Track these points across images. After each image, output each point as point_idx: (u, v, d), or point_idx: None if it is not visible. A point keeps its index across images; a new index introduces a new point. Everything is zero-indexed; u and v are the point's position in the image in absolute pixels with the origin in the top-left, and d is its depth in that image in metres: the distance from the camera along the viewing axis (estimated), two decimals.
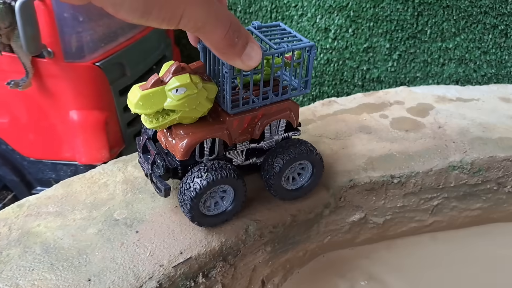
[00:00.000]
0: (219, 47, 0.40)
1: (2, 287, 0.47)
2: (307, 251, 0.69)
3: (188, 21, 0.36)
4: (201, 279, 0.53)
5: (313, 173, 0.60)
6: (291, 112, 0.56)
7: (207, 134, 0.50)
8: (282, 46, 0.49)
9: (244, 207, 0.59)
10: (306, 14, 1.46)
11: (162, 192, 0.51)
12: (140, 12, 0.33)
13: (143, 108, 0.46)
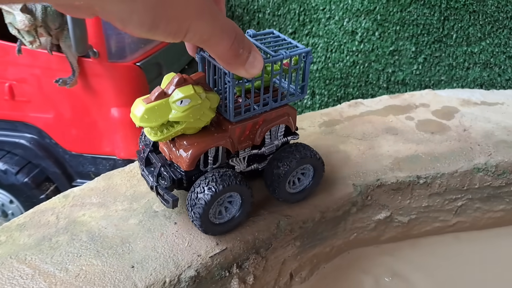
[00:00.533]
0: (225, 58, 0.41)
1: (54, 270, 0.50)
2: (334, 247, 0.71)
3: (194, 34, 0.36)
4: (235, 270, 0.56)
5: (314, 176, 0.61)
6: (289, 117, 0.57)
7: (211, 143, 0.50)
8: (280, 53, 0.50)
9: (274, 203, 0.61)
10: (333, 17, 1.48)
11: (170, 204, 0.51)
12: (147, 27, 0.33)
13: (148, 121, 0.45)
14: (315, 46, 1.57)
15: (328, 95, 1.60)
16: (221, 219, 0.53)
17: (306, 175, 0.60)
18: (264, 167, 0.58)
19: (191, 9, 0.35)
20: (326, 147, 0.76)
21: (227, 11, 1.63)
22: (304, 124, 0.85)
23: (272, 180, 0.57)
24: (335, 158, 0.73)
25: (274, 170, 0.56)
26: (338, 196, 0.66)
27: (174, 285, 0.50)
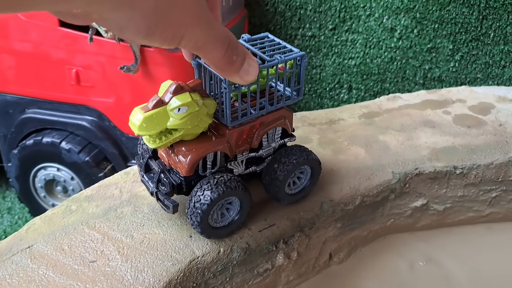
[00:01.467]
0: (219, 65, 0.41)
1: (120, 237, 0.54)
2: (371, 231, 0.73)
3: (188, 41, 0.37)
4: (281, 245, 0.59)
5: (312, 176, 0.60)
6: (285, 119, 0.56)
7: (209, 148, 0.50)
8: (275, 58, 0.49)
9: (318, 186, 0.64)
10: (373, 15, 1.50)
11: (170, 209, 0.51)
12: (144, 34, 0.34)
13: (147, 129, 0.45)
14: (354, 42, 1.59)
15: (364, 89, 1.62)
16: (220, 223, 0.53)
17: (304, 175, 0.60)
18: (262, 169, 0.58)
19: (186, 17, 0.35)
20: (365, 137, 0.78)
21: (270, 7, 1.66)
22: (344, 115, 0.87)
23: (271, 184, 0.56)
24: (375, 147, 0.76)
25: (272, 175, 0.56)
26: (378, 182, 0.69)
27: (227, 254, 0.54)
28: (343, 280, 0.69)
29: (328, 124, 0.84)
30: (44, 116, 1.48)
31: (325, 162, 0.71)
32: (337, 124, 0.84)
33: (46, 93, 1.45)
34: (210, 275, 0.53)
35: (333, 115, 0.87)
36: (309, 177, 0.60)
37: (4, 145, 1.63)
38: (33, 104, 1.49)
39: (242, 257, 0.56)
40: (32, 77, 1.39)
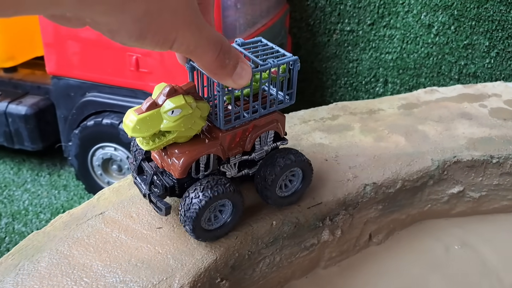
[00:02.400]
0: (211, 68, 0.40)
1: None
2: (409, 216, 0.76)
3: (180, 45, 0.36)
4: (327, 222, 0.62)
5: (303, 178, 0.59)
6: (278, 123, 0.56)
7: (202, 151, 0.49)
8: (268, 62, 0.49)
9: (360, 169, 0.67)
10: (412, 11, 1.50)
11: (163, 211, 0.50)
12: (135, 37, 0.33)
13: (140, 131, 0.44)
14: (391, 37, 1.61)
15: (400, 83, 1.63)
16: (212, 225, 0.52)
17: (296, 177, 0.59)
18: (254, 172, 0.57)
19: (178, 21, 0.35)
20: (405, 127, 0.81)
21: (311, 2, 1.68)
22: (384, 106, 0.90)
23: (262, 187, 0.55)
24: (415, 136, 0.78)
25: (262, 177, 0.55)
26: (418, 168, 0.71)
27: (279, 227, 0.57)
28: (381, 261, 0.72)
29: (369, 114, 0.86)
30: (103, 100, 1.58)
31: (367, 148, 0.73)
32: (377, 114, 0.86)
33: (107, 78, 1.54)
34: (263, 245, 0.57)
35: (373, 106, 0.90)
36: (300, 180, 0.59)
37: (64, 126, 1.71)
38: (94, 88, 1.58)
39: (291, 231, 0.59)
40: (94, 63, 1.47)
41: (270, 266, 0.60)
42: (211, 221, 0.51)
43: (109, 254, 0.50)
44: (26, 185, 1.80)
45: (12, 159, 1.96)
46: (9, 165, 1.93)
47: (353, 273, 0.68)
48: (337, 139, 0.76)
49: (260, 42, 0.55)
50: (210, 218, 0.51)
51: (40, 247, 0.51)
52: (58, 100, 1.69)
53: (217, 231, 0.52)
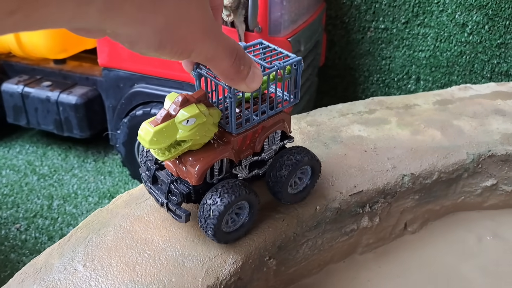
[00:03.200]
0: (228, 74, 0.40)
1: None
2: (443, 207, 0.76)
3: (198, 54, 0.36)
4: (367, 209, 0.63)
5: (312, 175, 0.58)
6: (284, 122, 0.55)
7: (216, 156, 0.48)
8: (275, 65, 0.49)
9: (400, 160, 0.68)
10: (446, 10, 1.49)
11: (183, 219, 0.49)
12: (154, 48, 0.33)
13: (157, 143, 0.44)
14: (425, 35, 1.60)
15: (432, 81, 1.62)
16: (232, 227, 0.51)
17: (305, 175, 0.58)
18: (264, 172, 0.57)
19: (196, 31, 0.35)
20: (440, 122, 0.81)
21: (347, 0, 1.69)
22: (419, 101, 0.90)
23: (274, 185, 0.55)
24: (450, 130, 0.78)
25: (276, 175, 0.54)
26: (454, 161, 0.71)
27: (322, 212, 0.59)
28: (415, 249, 0.72)
29: (404, 109, 0.87)
30: (151, 91, 1.62)
31: (404, 141, 0.74)
32: (412, 108, 0.87)
33: (155, 70, 1.58)
34: (307, 228, 0.59)
35: (408, 101, 0.90)
36: (309, 177, 0.58)
37: (113, 115, 1.76)
38: (142, 80, 1.62)
39: (333, 216, 0.60)
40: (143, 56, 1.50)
41: (312, 248, 0.61)
42: (229, 224, 0.51)
43: (167, 230, 0.53)
44: (73, 171, 1.86)
45: (59, 146, 2.02)
46: (56, 151, 1.99)
47: (388, 260, 0.70)
48: (375, 132, 0.77)
49: (261, 44, 0.55)
50: (228, 220, 0.50)
51: (105, 223, 0.54)
52: (108, 91, 1.74)
53: (237, 232, 0.52)
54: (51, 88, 1.79)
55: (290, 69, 0.51)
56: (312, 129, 0.78)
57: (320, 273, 0.65)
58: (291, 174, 0.54)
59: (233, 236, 0.51)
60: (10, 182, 1.73)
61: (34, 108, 1.81)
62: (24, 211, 1.57)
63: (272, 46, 0.54)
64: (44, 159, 1.93)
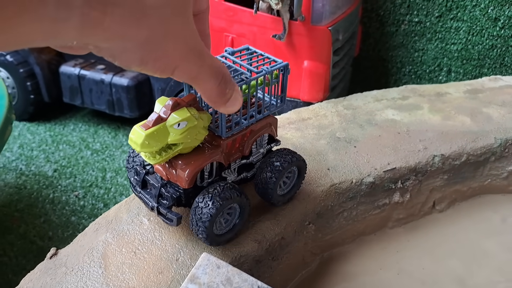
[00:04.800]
0: (211, 96, 0.38)
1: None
2: (470, 188, 0.77)
3: (182, 72, 0.34)
4: (399, 185, 0.65)
5: (298, 175, 0.57)
6: (271, 126, 0.54)
7: (206, 159, 0.47)
8: (263, 69, 0.48)
9: (429, 141, 0.69)
10: (479, 5, 1.47)
11: (174, 222, 0.47)
12: (137, 63, 0.31)
13: (149, 146, 0.42)
14: (457, 29, 1.58)
15: (463, 73, 1.61)
16: (223, 229, 0.50)
17: (292, 174, 0.56)
18: (252, 175, 0.55)
19: (179, 49, 0.32)
20: (470, 109, 0.82)
21: None
22: (450, 90, 0.90)
23: (264, 190, 0.53)
24: (479, 117, 0.79)
25: (265, 178, 0.52)
26: (482, 145, 0.72)
27: (358, 185, 0.61)
28: (442, 227, 0.74)
29: (436, 96, 0.88)
30: None
31: (435, 125, 0.75)
32: (444, 96, 0.88)
33: None
34: (343, 199, 0.61)
35: (440, 89, 0.91)
36: (296, 177, 0.57)
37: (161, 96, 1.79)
38: None
39: (368, 190, 0.62)
40: None
41: (347, 219, 0.64)
42: (221, 226, 0.49)
43: None
44: (123, 147, 1.92)
45: (109, 125, 2.09)
46: (107, 130, 2.06)
47: (417, 235, 0.71)
48: (407, 116, 0.79)
49: (248, 50, 0.53)
50: (221, 222, 0.49)
51: None
52: None
53: (228, 234, 0.50)
54: (105, 71, 1.85)
55: (277, 74, 0.50)
56: (348, 112, 0.79)
57: (352, 243, 0.68)
58: (280, 175, 0.52)
59: (224, 238, 0.50)
60: (67, 156, 1.81)
61: (89, 89, 1.87)
62: (81, 181, 1.64)
63: (258, 51, 0.52)
64: (96, 137, 1.99)
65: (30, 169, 1.69)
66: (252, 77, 0.46)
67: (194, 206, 0.46)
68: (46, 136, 1.97)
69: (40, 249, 1.18)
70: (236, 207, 0.49)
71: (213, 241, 0.49)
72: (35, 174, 1.65)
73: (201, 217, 0.46)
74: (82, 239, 0.50)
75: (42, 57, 1.96)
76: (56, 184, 1.59)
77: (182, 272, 0.46)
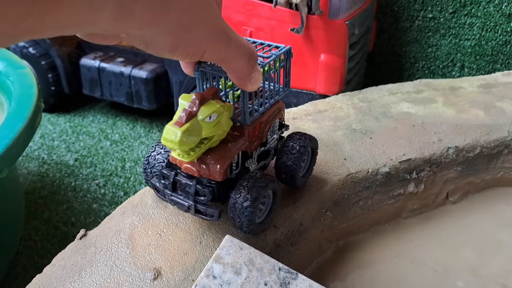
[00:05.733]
0: (241, 74, 0.38)
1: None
2: (483, 180, 0.77)
3: (211, 54, 0.35)
4: (414, 175, 0.66)
5: (312, 156, 0.57)
6: (281, 111, 0.54)
7: (236, 150, 0.46)
8: (272, 54, 0.47)
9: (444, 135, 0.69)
10: (493, 1, 1.46)
11: (216, 216, 0.46)
12: (168, 49, 0.32)
13: (187, 143, 0.40)
14: (471, 25, 1.57)
15: (476, 69, 1.60)
16: (262, 216, 0.49)
17: (307, 157, 0.57)
18: (268, 162, 0.55)
19: (208, 31, 0.33)
20: (484, 103, 0.82)
21: None
22: (464, 84, 0.90)
23: (291, 173, 0.53)
24: (493, 111, 0.79)
25: (289, 165, 0.52)
26: (495, 138, 0.72)
27: (374, 175, 0.62)
28: (456, 218, 0.74)
29: (450, 90, 0.88)
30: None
31: (450, 118, 0.76)
32: (458, 90, 0.88)
33: None
34: (359, 188, 0.62)
35: (454, 84, 0.91)
36: (310, 157, 0.57)
37: (180, 89, 1.80)
38: None
39: (383, 180, 0.63)
40: None
41: (363, 208, 0.64)
42: (260, 214, 0.49)
43: None
44: (141, 139, 1.94)
45: (127, 117, 2.11)
46: (125, 122, 2.08)
47: (430, 225, 0.71)
48: (422, 109, 0.79)
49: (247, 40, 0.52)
50: (260, 210, 0.49)
51: None
52: (176, 67, 1.78)
53: (266, 219, 0.50)
54: (124, 64, 1.87)
55: (282, 58, 0.50)
56: (364, 105, 0.80)
57: (367, 232, 0.68)
58: (300, 159, 0.52)
59: (264, 224, 0.50)
60: (87, 146, 1.83)
61: (109, 81, 1.89)
62: (101, 170, 1.66)
63: (258, 41, 0.51)
64: (115, 128, 2.01)
65: (52, 158, 1.72)
66: (265, 62, 0.46)
67: (232, 203, 0.46)
68: (66, 127, 2.00)
69: (64, 234, 1.21)
70: (270, 193, 0.49)
71: (258, 230, 0.49)
72: (56, 163, 1.68)
73: (242, 211, 0.45)
74: (110, 221, 0.51)
75: (63, 50, 1.98)
76: (77, 173, 1.62)
77: (205, 254, 0.47)
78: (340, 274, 0.63)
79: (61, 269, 0.45)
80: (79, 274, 0.44)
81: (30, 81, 0.83)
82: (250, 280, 0.40)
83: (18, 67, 0.89)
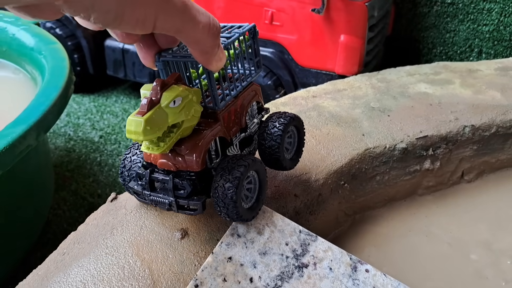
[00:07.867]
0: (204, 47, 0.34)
1: (312, 129, 0.64)
2: (498, 160, 0.77)
3: (164, 24, 0.30)
4: (430, 152, 0.66)
5: (298, 134, 0.53)
6: (257, 94, 0.50)
7: (211, 136, 0.42)
8: (235, 33, 0.44)
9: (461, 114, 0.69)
10: None
11: (200, 208, 0.42)
12: (113, 14, 0.27)
13: (152, 132, 0.36)
14: (490, 10, 1.54)
15: (494, 54, 1.57)
16: (250, 201, 0.45)
17: (293, 138, 0.52)
18: (253, 148, 0.51)
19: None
20: (501, 84, 0.81)
21: None
22: (481, 67, 0.90)
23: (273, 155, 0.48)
24: (510, 92, 0.78)
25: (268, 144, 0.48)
26: (511, 118, 0.72)
27: (391, 150, 0.62)
28: (470, 196, 0.74)
29: (467, 72, 0.87)
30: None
31: (466, 98, 0.75)
32: (475, 73, 0.87)
33: None
34: (376, 163, 0.62)
35: (471, 66, 0.90)
36: (297, 138, 0.53)
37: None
38: None
39: (400, 155, 0.63)
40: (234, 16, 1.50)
41: (379, 182, 0.65)
42: (246, 199, 0.44)
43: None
44: None
45: None
46: None
47: (445, 202, 0.72)
48: (439, 90, 0.79)
49: None
50: (245, 195, 0.44)
51: None
52: None
53: (256, 204, 0.45)
54: None
55: (248, 38, 0.46)
56: (382, 85, 0.80)
57: (383, 208, 0.69)
58: (283, 137, 0.48)
59: (255, 210, 0.45)
60: (111, 124, 1.86)
61: (132, 62, 1.90)
62: (125, 147, 1.68)
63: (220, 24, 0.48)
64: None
65: (78, 135, 1.75)
66: (227, 41, 0.42)
67: (214, 187, 0.41)
68: (91, 106, 2.03)
69: (91, 204, 1.24)
70: (254, 174, 0.45)
71: (247, 216, 0.44)
72: (82, 139, 1.71)
73: (226, 194, 0.40)
74: None
75: (89, 31, 2.00)
76: (103, 149, 1.64)
77: None
78: (357, 246, 0.63)
79: (94, 228, 0.46)
80: (111, 232, 0.45)
81: (62, 55, 0.84)
82: (272, 240, 0.41)
83: (50, 42, 0.91)
